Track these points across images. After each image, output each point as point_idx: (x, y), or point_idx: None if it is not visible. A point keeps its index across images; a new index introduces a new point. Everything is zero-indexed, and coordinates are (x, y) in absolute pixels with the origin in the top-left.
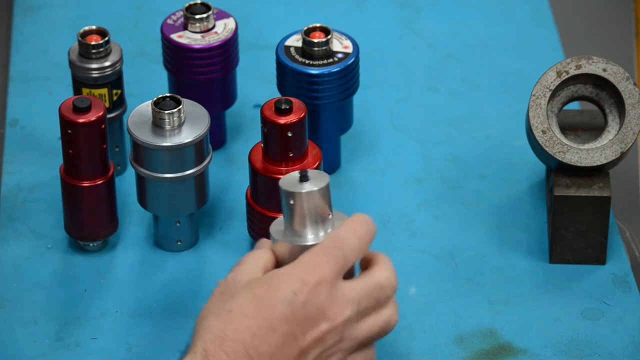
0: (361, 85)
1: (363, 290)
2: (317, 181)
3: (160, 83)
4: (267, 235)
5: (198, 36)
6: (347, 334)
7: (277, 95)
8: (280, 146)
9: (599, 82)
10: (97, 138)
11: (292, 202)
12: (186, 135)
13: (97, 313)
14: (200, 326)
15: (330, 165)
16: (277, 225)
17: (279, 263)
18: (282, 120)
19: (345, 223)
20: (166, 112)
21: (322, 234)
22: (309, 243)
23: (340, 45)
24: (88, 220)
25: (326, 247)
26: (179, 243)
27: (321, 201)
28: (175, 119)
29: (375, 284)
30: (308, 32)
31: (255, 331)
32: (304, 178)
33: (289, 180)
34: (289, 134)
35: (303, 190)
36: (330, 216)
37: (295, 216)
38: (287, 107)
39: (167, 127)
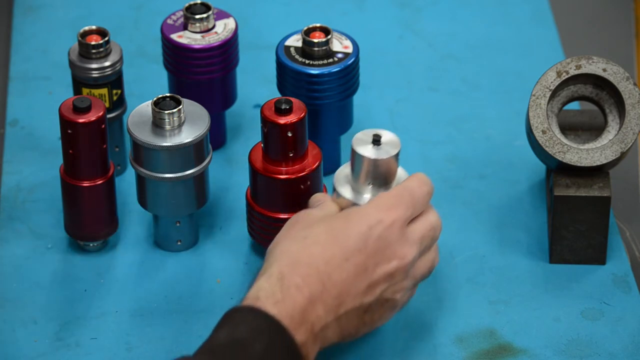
0: (361, 85)
1: (423, 231)
2: (389, 147)
3: (160, 83)
4: (268, 235)
5: (198, 36)
6: (411, 272)
7: (277, 95)
8: (280, 146)
9: (599, 82)
10: (97, 138)
11: (362, 164)
12: (186, 135)
13: (97, 313)
14: (276, 250)
15: (330, 165)
16: (341, 180)
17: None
18: (282, 120)
19: (412, 178)
20: (166, 112)
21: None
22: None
23: (340, 45)
24: (88, 220)
25: (400, 193)
26: (179, 243)
27: (389, 167)
28: (175, 119)
29: (430, 225)
30: (308, 32)
31: (329, 259)
32: (376, 142)
33: (361, 139)
34: (289, 134)
35: (372, 157)
36: (394, 180)
37: (360, 175)
38: (287, 107)
39: (167, 127)
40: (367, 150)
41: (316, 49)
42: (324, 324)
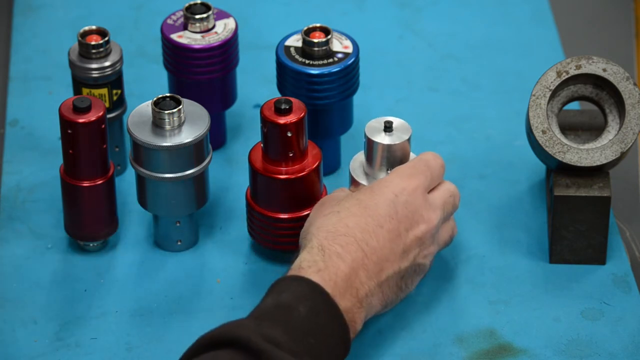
0: (361, 85)
1: (443, 197)
2: (400, 132)
3: (160, 83)
4: (268, 235)
5: (198, 36)
6: (437, 237)
7: (277, 95)
8: (280, 146)
9: (599, 82)
10: (97, 138)
11: (377, 150)
12: (186, 135)
13: (97, 313)
14: (311, 228)
15: (330, 165)
16: (356, 169)
17: None
18: (282, 120)
19: (425, 152)
20: (166, 112)
21: None
22: None
23: (340, 45)
24: (88, 220)
25: (416, 163)
26: (179, 243)
27: (403, 151)
28: (175, 119)
29: (449, 192)
30: (308, 32)
31: (364, 227)
32: (388, 129)
33: (373, 126)
34: (289, 134)
35: (385, 142)
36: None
37: (375, 162)
38: (287, 107)
39: (167, 127)
40: (381, 137)
41: (316, 49)
42: (367, 290)
